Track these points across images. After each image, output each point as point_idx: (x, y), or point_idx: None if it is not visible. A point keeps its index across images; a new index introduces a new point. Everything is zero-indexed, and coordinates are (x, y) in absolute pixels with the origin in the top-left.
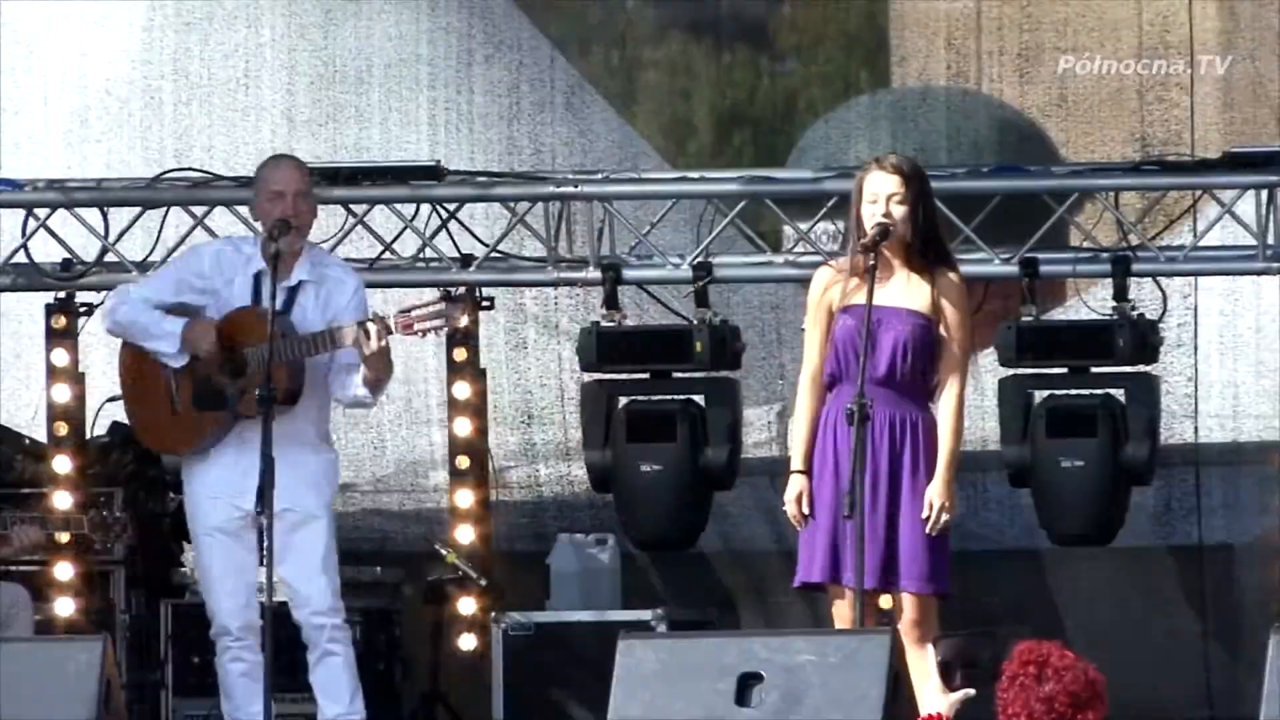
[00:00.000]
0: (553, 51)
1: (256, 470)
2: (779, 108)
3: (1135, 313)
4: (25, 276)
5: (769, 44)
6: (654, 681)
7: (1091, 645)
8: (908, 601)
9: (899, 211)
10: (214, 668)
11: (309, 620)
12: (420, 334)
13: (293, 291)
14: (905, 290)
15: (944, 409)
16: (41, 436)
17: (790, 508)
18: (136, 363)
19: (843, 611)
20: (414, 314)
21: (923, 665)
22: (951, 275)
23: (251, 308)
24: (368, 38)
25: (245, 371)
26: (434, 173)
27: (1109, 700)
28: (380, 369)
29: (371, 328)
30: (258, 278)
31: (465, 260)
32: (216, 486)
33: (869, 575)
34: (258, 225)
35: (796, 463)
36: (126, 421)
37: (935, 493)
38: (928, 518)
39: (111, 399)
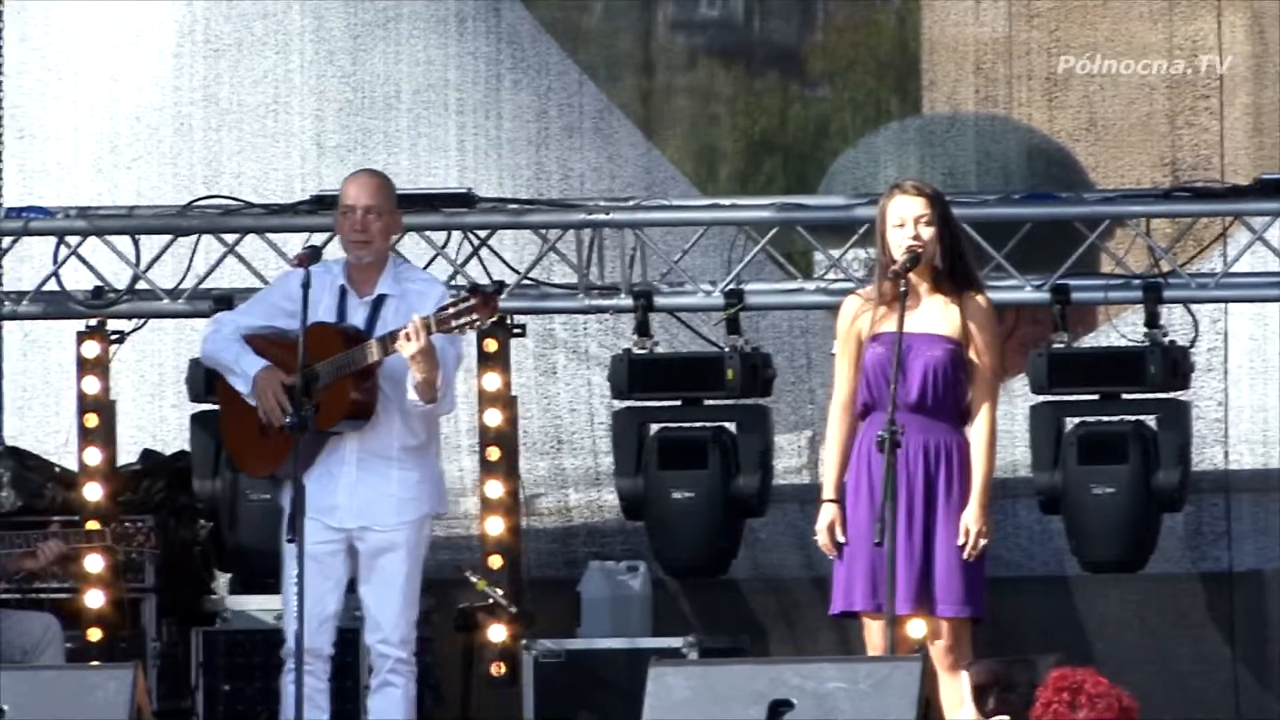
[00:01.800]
0: (581, 76)
1: (344, 488)
2: (810, 134)
3: (1167, 339)
4: (56, 304)
5: (800, 70)
6: (685, 708)
7: (1120, 671)
8: (942, 626)
9: (927, 233)
10: (244, 695)
11: (376, 647)
12: (459, 330)
13: (375, 305)
14: (934, 315)
15: (977, 433)
16: (71, 464)
17: (822, 537)
18: (228, 390)
19: (878, 638)
20: (450, 311)
21: (955, 691)
22: (979, 298)
23: (326, 323)
24: (396, 63)
25: (315, 388)
26: (466, 200)
27: None
28: (424, 370)
29: (409, 327)
30: (343, 294)
31: (496, 287)
32: (309, 505)
33: (905, 600)
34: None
35: (828, 491)
36: (157, 450)
37: (971, 518)
38: (964, 544)
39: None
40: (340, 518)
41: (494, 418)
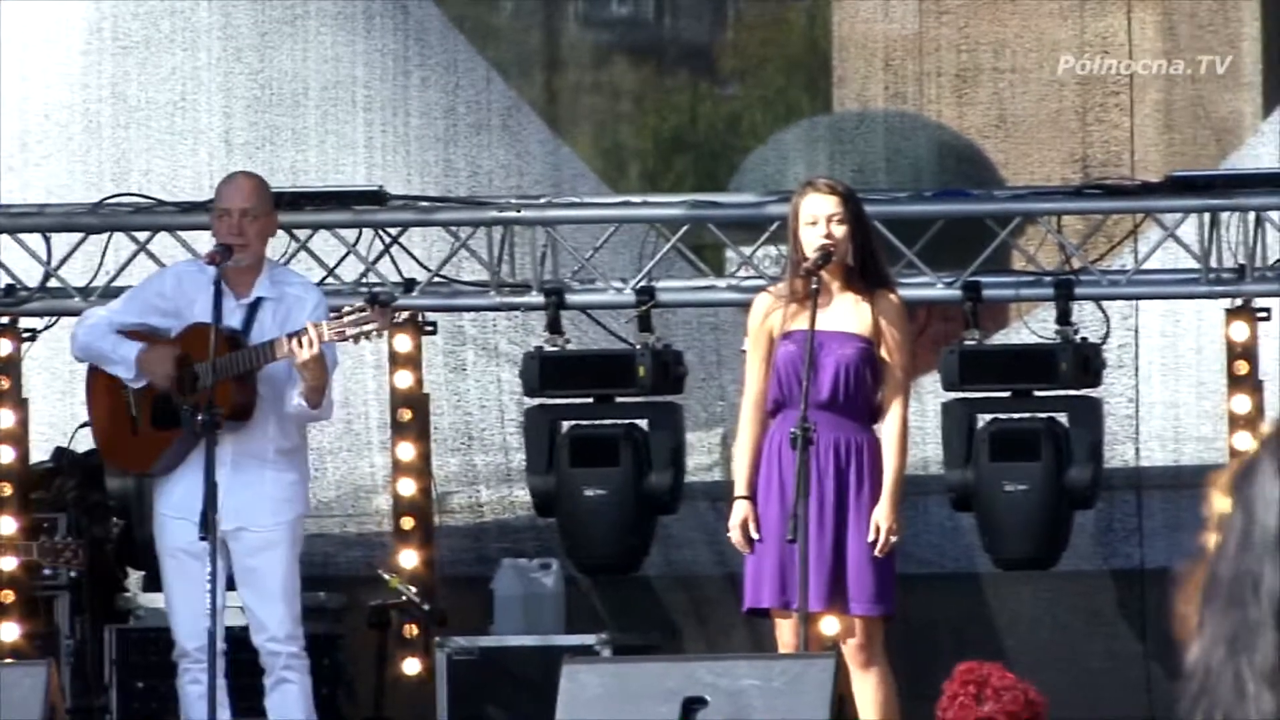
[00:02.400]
0: (489, 73)
1: (220, 489)
2: (720, 131)
3: (1078, 336)
4: None
5: (710, 68)
6: (597, 706)
7: (1032, 668)
8: (855, 625)
9: (840, 231)
10: (158, 693)
11: (265, 646)
12: (353, 339)
13: (252, 308)
14: (845, 313)
15: (888, 432)
16: None
17: (735, 534)
18: (101, 384)
19: (788, 636)
20: (344, 320)
21: (867, 689)
22: (891, 297)
23: (204, 324)
24: (304, 60)
25: (196, 388)
26: (376, 198)
27: None
28: (314, 376)
29: (302, 335)
30: (218, 296)
31: (408, 285)
32: (180, 506)
33: (816, 598)
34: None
35: (740, 488)
36: (68, 446)
37: (881, 516)
38: (874, 541)
39: (84, 425)
40: (200, 525)
41: (406, 415)
